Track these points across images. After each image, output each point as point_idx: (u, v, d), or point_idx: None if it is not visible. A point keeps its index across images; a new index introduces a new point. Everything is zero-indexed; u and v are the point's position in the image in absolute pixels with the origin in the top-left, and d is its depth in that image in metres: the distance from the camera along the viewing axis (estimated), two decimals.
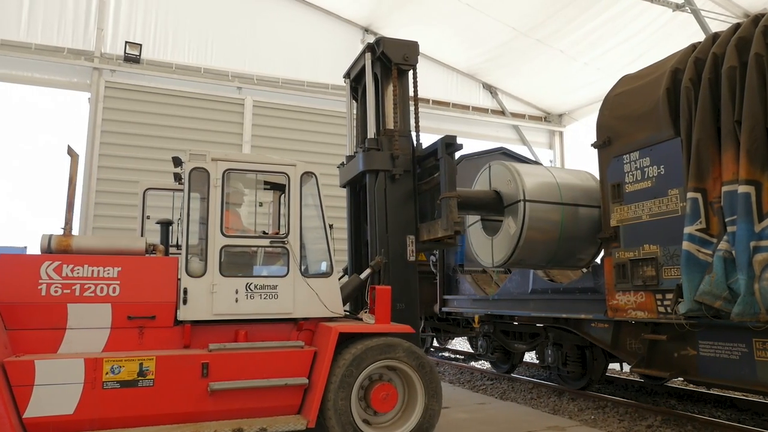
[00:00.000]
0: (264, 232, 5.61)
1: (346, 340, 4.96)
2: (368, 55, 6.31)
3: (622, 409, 6.74)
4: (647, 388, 8.16)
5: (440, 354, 13.36)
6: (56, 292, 4.46)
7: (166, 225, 5.21)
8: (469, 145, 13.01)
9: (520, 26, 11.69)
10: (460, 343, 15.21)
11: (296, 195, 5.28)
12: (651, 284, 5.44)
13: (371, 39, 12.32)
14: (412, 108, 6.24)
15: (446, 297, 9.96)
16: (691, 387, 7.85)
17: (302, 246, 5.26)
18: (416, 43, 6.39)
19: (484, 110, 13.95)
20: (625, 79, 6.29)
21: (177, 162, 5.35)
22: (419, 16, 11.89)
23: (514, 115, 14.32)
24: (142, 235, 5.67)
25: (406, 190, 6.03)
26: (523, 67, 13.20)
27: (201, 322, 4.84)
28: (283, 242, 5.15)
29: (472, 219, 7.47)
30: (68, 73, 9.99)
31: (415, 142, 6.26)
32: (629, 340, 6.19)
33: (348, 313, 5.83)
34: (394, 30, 12.44)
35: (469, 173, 10.61)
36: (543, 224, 6.51)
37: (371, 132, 6.15)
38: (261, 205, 6.01)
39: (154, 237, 5.38)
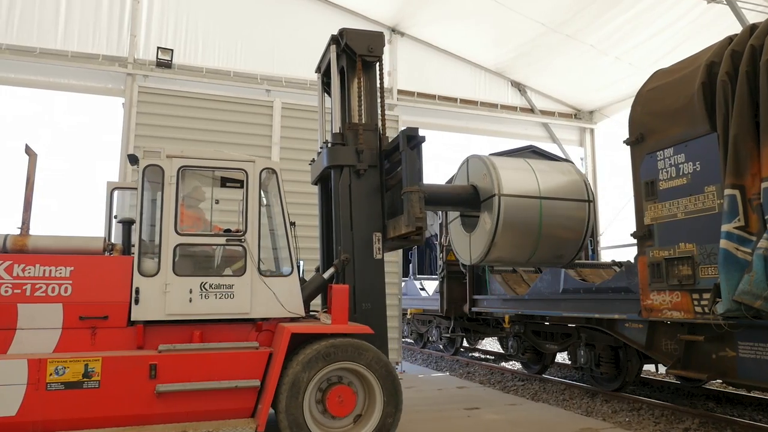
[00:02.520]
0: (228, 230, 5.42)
1: (307, 341, 4.81)
2: (333, 48, 6.15)
3: (657, 412, 6.59)
4: (684, 390, 7.96)
5: (470, 354, 13.28)
6: (6, 292, 4.39)
7: (128, 224, 5.07)
8: (498, 144, 12.92)
9: (549, 21, 11.52)
10: (490, 344, 15.10)
11: (254, 192, 5.13)
12: (687, 283, 5.31)
13: (398, 38, 12.38)
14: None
15: (476, 297, 9.90)
16: (731, 389, 7.62)
17: (261, 244, 5.10)
18: (381, 33, 6.22)
19: (513, 108, 13.81)
20: (659, 74, 6.15)
21: (133, 160, 5.22)
22: (446, 14, 11.83)
23: (544, 113, 14.14)
24: (109, 236, 5.52)
25: (372, 185, 5.82)
26: (553, 63, 13.01)
27: (155, 323, 4.73)
28: (240, 240, 5.01)
29: (453, 215, 7.27)
30: (103, 79, 10.25)
31: (381, 136, 6.04)
32: (665, 340, 6.05)
33: (315, 313, 5.70)
34: (421, 29, 12.41)
35: None
36: (520, 219, 6.18)
37: (336, 127, 6.00)
38: (217, 202, 5.85)
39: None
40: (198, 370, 4.59)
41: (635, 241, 6.07)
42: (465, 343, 13.33)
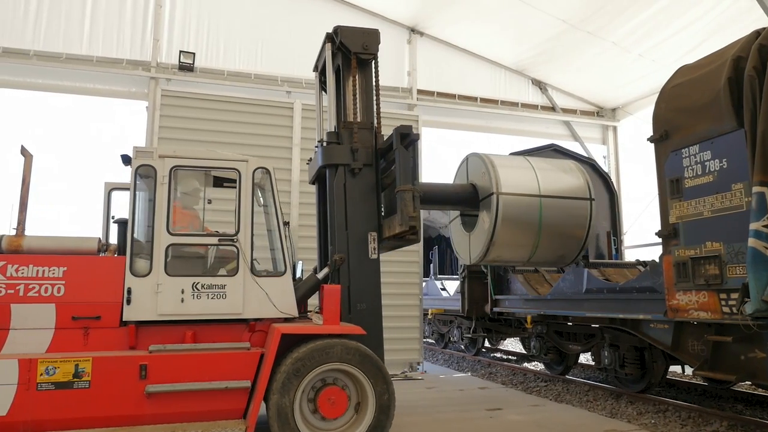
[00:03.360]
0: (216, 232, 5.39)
1: (299, 342, 4.77)
2: (328, 46, 6.09)
3: (684, 414, 6.48)
4: (711, 392, 7.81)
5: (492, 355, 13.21)
6: (0, 292, 4.42)
7: (124, 224, 5.06)
8: (520, 143, 12.81)
9: (570, 19, 11.39)
10: (513, 344, 14.99)
11: (247, 192, 5.10)
12: (714, 283, 5.21)
13: (418, 39, 12.36)
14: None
15: (497, 297, 9.84)
16: (760, 391, 7.45)
17: (257, 244, 5.06)
18: (377, 30, 6.13)
19: (534, 107, 13.69)
20: (683, 70, 6.04)
21: (125, 160, 5.21)
22: (466, 14, 11.78)
23: (565, 111, 13.99)
24: (107, 236, 5.51)
25: (368, 184, 5.76)
26: (574, 61, 12.86)
27: (148, 323, 4.72)
28: (233, 240, 4.98)
29: (454, 215, 7.15)
30: (127, 83, 10.42)
31: (377, 134, 5.97)
32: (691, 341, 5.94)
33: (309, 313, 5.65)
34: (441, 29, 12.37)
35: None
36: (519, 218, 6.05)
37: (331, 125, 5.95)
38: (210, 202, 5.80)
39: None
40: (189, 370, 4.57)
41: (660, 240, 5.97)
42: (486, 344, 13.27)
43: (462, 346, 13.15)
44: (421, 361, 10.04)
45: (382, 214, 5.90)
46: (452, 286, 13.69)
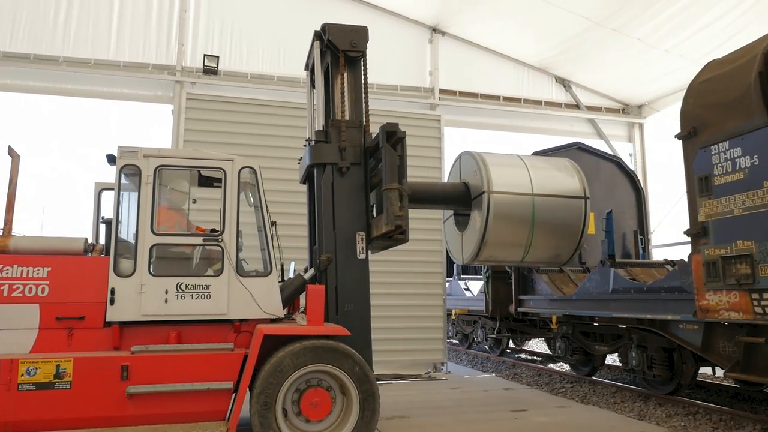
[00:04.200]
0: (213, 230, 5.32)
1: (286, 342, 4.71)
2: (317, 44, 6.04)
3: (715, 417, 6.34)
4: (743, 395, 7.63)
5: (516, 355, 13.10)
6: None
7: (111, 224, 5.01)
8: (543, 142, 12.69)
9: (594, 16, 11.24)
10: (537, 345, 14.85)
11: (233, 191, 5.05)
12: (746, 283, 5.08)
13: (439, 38, 12.33)
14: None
15: (521, 297, 9.76)
16: None
17: (247, 244, 5.02)
18: (365, 28, 6.05)
19: (558, 105, 13.53)
20: (712, 65, 5.92)
21: (110, 159, 5.14)
22: (488, 13, 11.71)
23: (590, 108, 13.80)
24: (96, 237, 5.46)
25: (356, 183, 5.69)
26: (598, 58, 12.69)
27: (132, 323, 4.69)
28: (218, 240, 4.93)
29: (448, 214, 7.03)
30: (153, 87, 10.60)
31: (365, 133, 5.89)
32: (722, 342, 5.81)
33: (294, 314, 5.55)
34: (463, 28, 12.31)
35: None
36: (511, 217, 5.93)
37: (320, 124, 5.89)
38: (194, 202, 5.74)
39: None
40: (171, 371, 4.54)
41: (689, 239, 5.86)
42: (511, 344, 13.17)
43: (486, 347, 13.07)
44: (445, 362, 10.01)
45: (373, 213, 5.83)
46: (476, 286, 13.62)
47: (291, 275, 5.76)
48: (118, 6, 10.51)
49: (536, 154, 10.41)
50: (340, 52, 5.89)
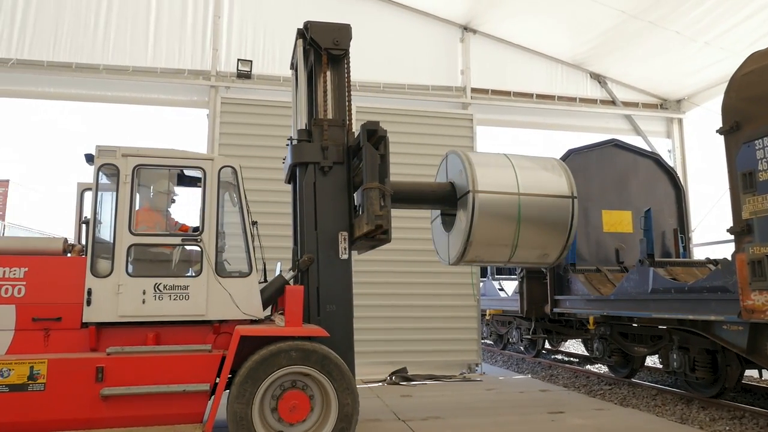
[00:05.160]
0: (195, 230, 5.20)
1: (265, 343, 4.62)
2: (300, 42, 5.97)
3: (762, 421, 6.12)
4: None
5: (552, 356, 12.91)
6: None
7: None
8: (578, 139, 12.47)
9: (630, 9, 10.98)
10: (574, 346, 14.61)
11: (213, 190, 4.98)
12: None
13: (471, 36, 12.24)
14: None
15: (557, 297, 9.61)
16: None
17: (220, 244, 4.92)
18: (348, 25, 5.97)
19: (593, 101, 13.27)
20: (755, 57, 5.71)
21: (89, 159, 5.08)
22: (519, 9, 11.56)
23: (626, 104, 13.49)
24: (78, 238, 5.37)
25: (338, 183, 5.61)
26: (635, 52, 12.39)
27: (110, 324, 4.64)
28: (197, 240, 4.86)
29: (435, 214, 6.94)
30: (189, 92, 10.83)
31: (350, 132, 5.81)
32: None
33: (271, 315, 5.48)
34: (494, 26, 12.19)
35: (578, 168, 10.18)
36: (497, 217, 5.82)
37: (302, 123, 5.82)
38: (174, 201, 5.60)
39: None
40: (147, 373, 4.47)
41: (732, 237, 5.67)
42: (547, 345, 12.98)
43: (521, 348, 12.92)
44: (479, 363, 9.94)
45: (359, 213, 5.74)
46: (510, 286, 13.48)
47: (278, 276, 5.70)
48: (155, 14, 10.77)
49: (571, 151, 10.25)
50: (322, 50, 5.84)
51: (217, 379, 4.64)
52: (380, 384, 8.71)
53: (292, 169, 5.87)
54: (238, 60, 10.91)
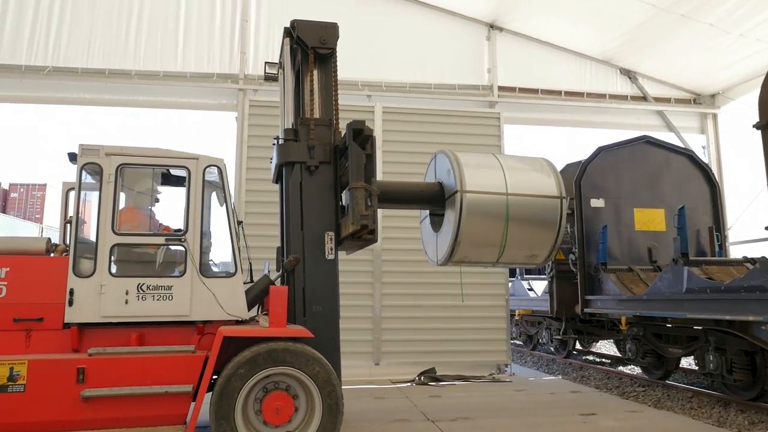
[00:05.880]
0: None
1: (250, 344, 4.56)
2: (287, 41, 5.92)
3: None
4: None
5: (584, 357, 12.72)
6: None
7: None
8: (609, 137, 12.27)
9: (660, 2, 10.74)
10: (606, 346, 14.37)
11: (197, 190, 4.92)
12: None
13: (497, 34, 12.14)
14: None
15: (588, 297, 9.46)
16: None
17: (205, 245, 4.87)
18: (335, 24, 5.93)
19: (623, 97, 13.02)
20: None
21: (72, 158, 5.01)
22: (546, 6, 11.42)
23: (658, 100, 13.20)
24: (64, 239, 5.30)
25: (325, 182, 5.58)
26: (666, 46, 12.12)
27: (91, 325, 4.60)
28: (180, 240, 4.81)
29: (424, 214, 6.88)
30: (217, 96, 11.00)
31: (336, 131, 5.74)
32: None
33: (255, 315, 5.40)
34: (521, 23, 12.07)
35: (609, 166, 10.01)
36: (485, 217, 5.76)
37: (289, 122, 5.78)
38: (158, 200, 5.55)
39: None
40: (129, 374, 4.43)
41: None
42: (578, 346, 12.79)
43: (551, 348, 12.76)
44: (509, 363, 9.85)
45: (346, 213, 5.69)
46: (540, 286, 13.33)
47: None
48: (184, 20, 10.97)
49: (601, 149, 10.09)
50: (309, 49, 5.83)
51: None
52: (409, 384, 8.70)
53: (279, 168, 5.85)
54: (266, 63, 10.99)
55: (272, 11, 11.34)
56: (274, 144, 5.90)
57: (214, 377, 4.70)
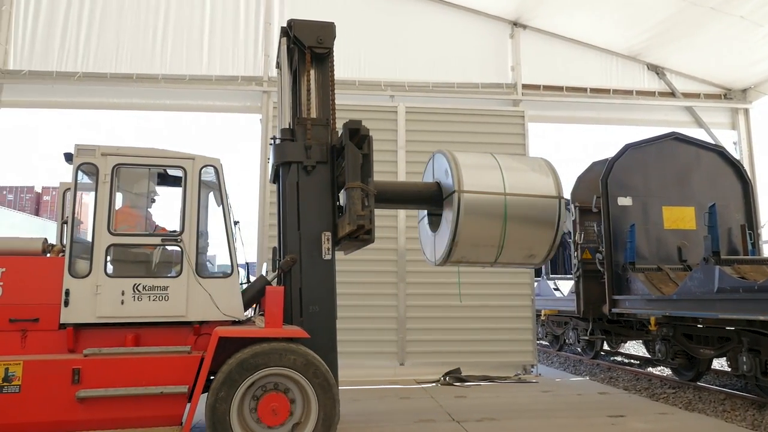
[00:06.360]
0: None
1: (246, 345, 4.54)
2: (283, 41, 5.89)
3: None
4: None
5: (611, 358, 12.53)
6: None
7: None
8: (636, 134, 12.06)
9: None
10: (635, 347, 14.14)
11: (193, 190, 4.91)
12: None
13: (521, 32, 12.04)
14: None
15: (616, 297, 9.31)
16: None
17: (201, 245, 4.85)
18: (332, 24, 5.88)
19: (650, 93, 12.78)
20: None
21: (68, 158, 5.00)
22: (571, 2, 11.25)
23: (687, 95, 12.92)
24: (60, 238, 5.28)
25: (322, 182, 5.56)
26: (695, 40, 11.86)
27: (87, 325, 4.59)
28: (177, 240, 4.79)
29: (423, 214, 6.80)
30: (242, 98, 11.12)
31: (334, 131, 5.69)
32: None
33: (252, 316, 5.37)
34: (545, 20, 11.94)
35: (636, 163, 9.85)
36: (482, 217, 5.71)
37: (286, 122, 5.75)
38: (154, 201, 5.52)
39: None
40: (125, 374, 4.42)
41: None
42: (605, 346, 12.61)
43: (578, 349, 12.59)
44: (535, 364, 9.75)
45: (341, 214, 5.67)
46: (566, 286, 13.17)
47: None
48: (209, 24, 11.12)
49: (628, 146, 9.93)
50: (306, 48, 5.81)
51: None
52: (434, 384, 8.68)
53: (276, 169, 5.86)
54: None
55: (295, 13, 11.38)
56: (271, 144, 5.91)
57: (211, 378, 4.71)
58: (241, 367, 4.47)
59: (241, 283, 5.35)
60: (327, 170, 5.65)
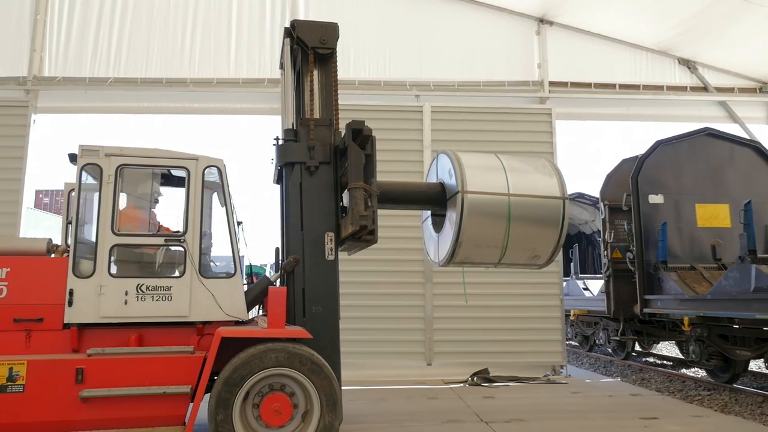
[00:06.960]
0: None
1: (249, 345, 4.53)
2: (287, 41, 5.87)
3: None
4: None
5: (643, 359, 12.31)
6: None
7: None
8: (667, 130, 11.79)
9: None
10: (667, 348, 13.86)
11: (196, 190, 4.90)
12: None
13: (547, 28, 11.90)
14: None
15: (648, 297, 9.14)
16: None
17: (205, 245, 4.84)
18: (335, 24, 5.83)
19: (682, 88, 12.49)
20: None
21: (72, 158, 5.01)
22: None
23: (720, 90, 12.59)
24: (66, 238, 5.33)
25: (325, 183, 5.55)
26: (728, 33, 11.55)
27: (91, 325, 4.60)
28: (180, 241, 4.80)
29: (426, 215, 6.70)
30: (269, 100, 11.22)
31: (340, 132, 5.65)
32: None
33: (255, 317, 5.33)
34: (572, 16, 11.78)
35: (668, 160, 9.65)
36: (486, 217, 5.65)
37: (289, 122, 5.73)
38: (157, 202, 5.51)
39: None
40: (128, 374, 4.43)
41: None
42: (637, 347, 12.38)
43: (609, 350, 12.40)
44: (564, 365, 9.63)
45: (344, 214, 5.64)
46: (595, 285, 12.97)
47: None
48: (236, 28, 11.27)
49: (659, 143, 9.76)
50: (309, 49, 5.81)
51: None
52: (461, 385, 8.64)
53: (279, 169, 5.87)
54: None
55: (320, 15, 11.49)
56: (274, 144, 5.91)
57: (214, 378, 4.73)
58: (243, 367, 4.48)
59: (245, 283, 5.39)
60: (330, 171, 5.66)
